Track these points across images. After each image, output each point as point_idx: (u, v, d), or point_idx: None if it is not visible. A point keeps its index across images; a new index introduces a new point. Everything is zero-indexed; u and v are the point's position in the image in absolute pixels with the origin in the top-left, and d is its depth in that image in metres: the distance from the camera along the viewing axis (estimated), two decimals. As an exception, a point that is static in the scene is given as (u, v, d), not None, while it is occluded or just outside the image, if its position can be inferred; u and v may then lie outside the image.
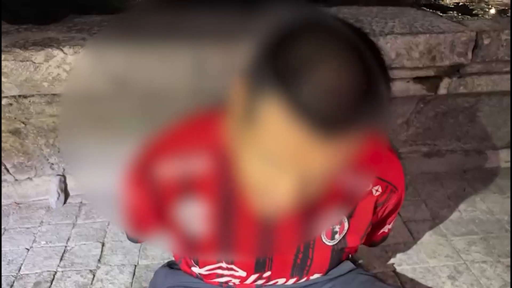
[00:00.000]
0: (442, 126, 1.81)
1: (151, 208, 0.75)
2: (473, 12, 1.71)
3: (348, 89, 0.45)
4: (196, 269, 0.89)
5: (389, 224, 0.95)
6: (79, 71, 1.30)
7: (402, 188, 0.83)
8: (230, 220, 0.75)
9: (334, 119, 0.45)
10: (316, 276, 0.89)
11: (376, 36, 1.40)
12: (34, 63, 1.33)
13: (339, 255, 0.87)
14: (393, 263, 1.49)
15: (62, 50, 1.34)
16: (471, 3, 1.83)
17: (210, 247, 0.80)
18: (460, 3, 1.85)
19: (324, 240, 0.81)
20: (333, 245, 0.83)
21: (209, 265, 0.85)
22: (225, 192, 0.71)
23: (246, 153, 0.54)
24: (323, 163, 0.49)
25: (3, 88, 1.38)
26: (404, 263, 1.49)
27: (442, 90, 1.58)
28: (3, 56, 1.33)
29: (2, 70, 1.33)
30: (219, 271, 0.86)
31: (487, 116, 1.80)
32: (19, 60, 1.33)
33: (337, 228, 0.81)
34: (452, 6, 1.82)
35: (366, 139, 0.50)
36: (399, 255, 1.52)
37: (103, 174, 0.74)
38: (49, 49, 1.33)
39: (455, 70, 1.54)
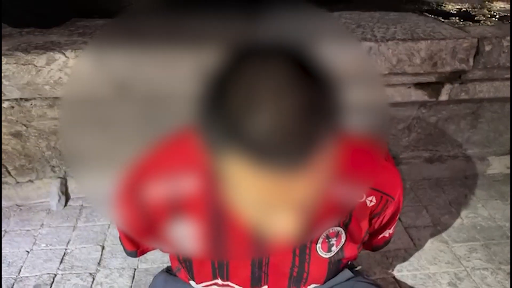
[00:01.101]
0: (444, 132, 1.81)
1: (143, 227, 0.76)
2: (475, 18, 1.71)
3: (294, 116, 0.43)
4: (193, 284, 0.90)
5: (389, 229, 0.95)
6: (79, 73, 1.30)
7: (399, 197, 0.83)
8: (222, 237, 0.75)
9: (295, 149, 0.44)
10: (313, 286, 0.89)
11: (377, 41, 1.40)
12: (36, 66, 1.34)
13: (337, 266, 0.87)
14: (394, 270, 1.48)
15: (64, 54, 1.35)
16: (473, 9, 1.83)
17: (204, 263, 0.81)
18: (462, 9, 1.85)
19: (320, 253, 0.81)
20: (330, 257, 0.82)
21: (205, 281, 0.86)
22: (214, 210, 0.71)
23: (232, 201, 0.53)
24: (308, 187, 0.48)
25: (5, 91, 1.38)
26: (404, 270, 1.48)
27: (443, 96, 1.58)
28: (5, 60, 1.33)
29: (4, 74, 1.34)
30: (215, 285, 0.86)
31: (488, 122, 1.79)
32: (21, 64, 1.34)
33: (333, 241, 0.80)
34: (454, 12, 1.81)
35: (339, 147, 0.48)
36: (399, 261, 1.51)
37: (104, 178, 0.74)
38: (51, 53, 1.34)
39: (456, 76, 1.54)
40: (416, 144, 1.85)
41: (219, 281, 0.85)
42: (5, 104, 1.46)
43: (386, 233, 0.96)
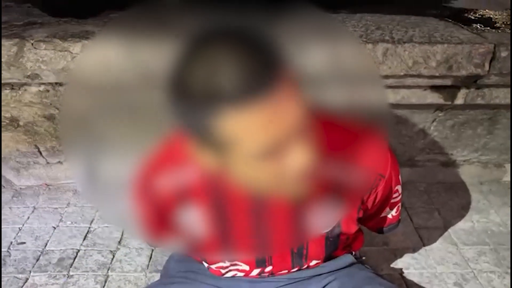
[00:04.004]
0: (460, 136, 1.82)
1: (157, 218, 0.83)
2: (495, 25, 1.72)
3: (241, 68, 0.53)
4: (205, 265, 0.97)
5: (391, 210, 0.95)
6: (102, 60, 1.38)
7: (390, 174, 0.83)
8: (225, 218, 0.81)
9: (251, 86, 0.53)
10: (315, 262, 0.93)
11: (394, 43, 1.44)
12: (71, 53, 1.43)
13: (335, 241, 0.90)
14: (401, 267, 1.51)
15: (97, 43, 1.44)
16: (495, 16, 1.83)
17: (213, 245, 0.87)
18: (484, 16, 1.85)
19: None
20: (326, 232, 0.86)
21: (216, 263, 0.94)
22: (216, 194, 0.78)
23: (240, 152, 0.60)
24: (282, 110, 0.56)
25: (42, 75, 1.48)
26: (411, 267, 1.51)
27: (459, 100, 1.59)
28: (43, 46, 1.43)
29: (43, 59, 1.44)
30: (225, 267, 0.94)
31: (505, 129, 1.79)
32: (58, 50, 1.44)
33: None
34: (476, 18, 1.82)
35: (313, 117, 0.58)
36: (407, 259, 1.54)
37: (124, 165, 0.80)
38: (86, 41, 1.44)
39: (472, 81, 1.55)
40: (431, 147, 1.86)
41: (227, 263, 0.92)
42: (41, 88, 1.56)
43: (389, 215, 0.96)
